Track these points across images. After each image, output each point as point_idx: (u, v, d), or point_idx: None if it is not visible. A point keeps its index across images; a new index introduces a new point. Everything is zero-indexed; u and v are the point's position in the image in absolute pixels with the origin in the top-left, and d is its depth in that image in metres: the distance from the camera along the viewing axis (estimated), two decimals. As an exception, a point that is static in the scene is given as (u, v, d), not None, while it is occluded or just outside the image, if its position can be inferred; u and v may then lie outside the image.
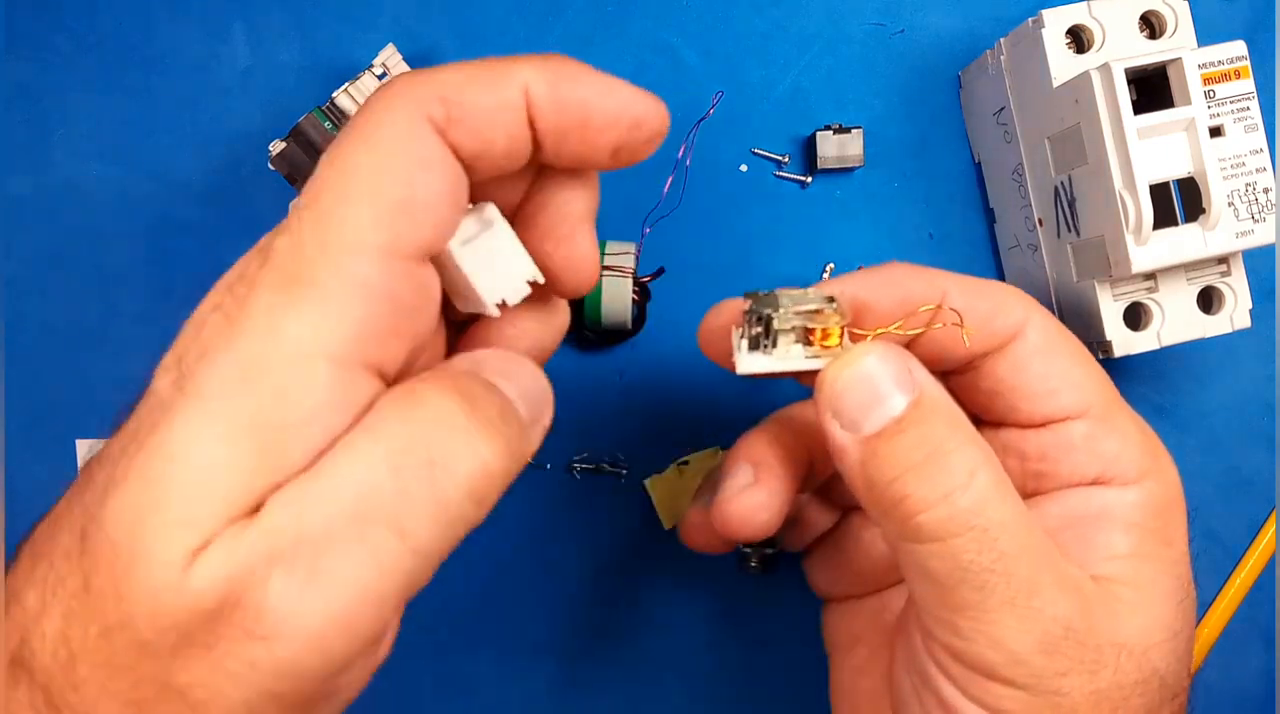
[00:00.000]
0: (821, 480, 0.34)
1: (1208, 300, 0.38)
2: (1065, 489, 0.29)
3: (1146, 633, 0.27)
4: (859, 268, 0.42)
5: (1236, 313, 0.38)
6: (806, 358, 0.28)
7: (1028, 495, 0.30)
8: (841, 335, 0.28)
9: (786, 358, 0.28)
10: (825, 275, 0.43)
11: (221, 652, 0.21)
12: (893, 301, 0.29)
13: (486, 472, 0.22)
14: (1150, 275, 0.37)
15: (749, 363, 0.28)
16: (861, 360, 0.26)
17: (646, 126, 0.25)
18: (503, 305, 0.26)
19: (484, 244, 0.26)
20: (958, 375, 0.31)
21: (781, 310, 0.27)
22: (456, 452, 0.22)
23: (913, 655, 0.29)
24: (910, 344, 0.30)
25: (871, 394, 0.26)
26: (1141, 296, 0.37)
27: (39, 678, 0.22)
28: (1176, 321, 0.37)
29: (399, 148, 0.23)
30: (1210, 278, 0.38)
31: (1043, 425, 0.30)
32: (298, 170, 0.39)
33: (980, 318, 0.29)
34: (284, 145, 0.39)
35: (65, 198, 0.42)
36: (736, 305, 0.29)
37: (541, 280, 0.26)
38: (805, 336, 0.28)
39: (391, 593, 0.21)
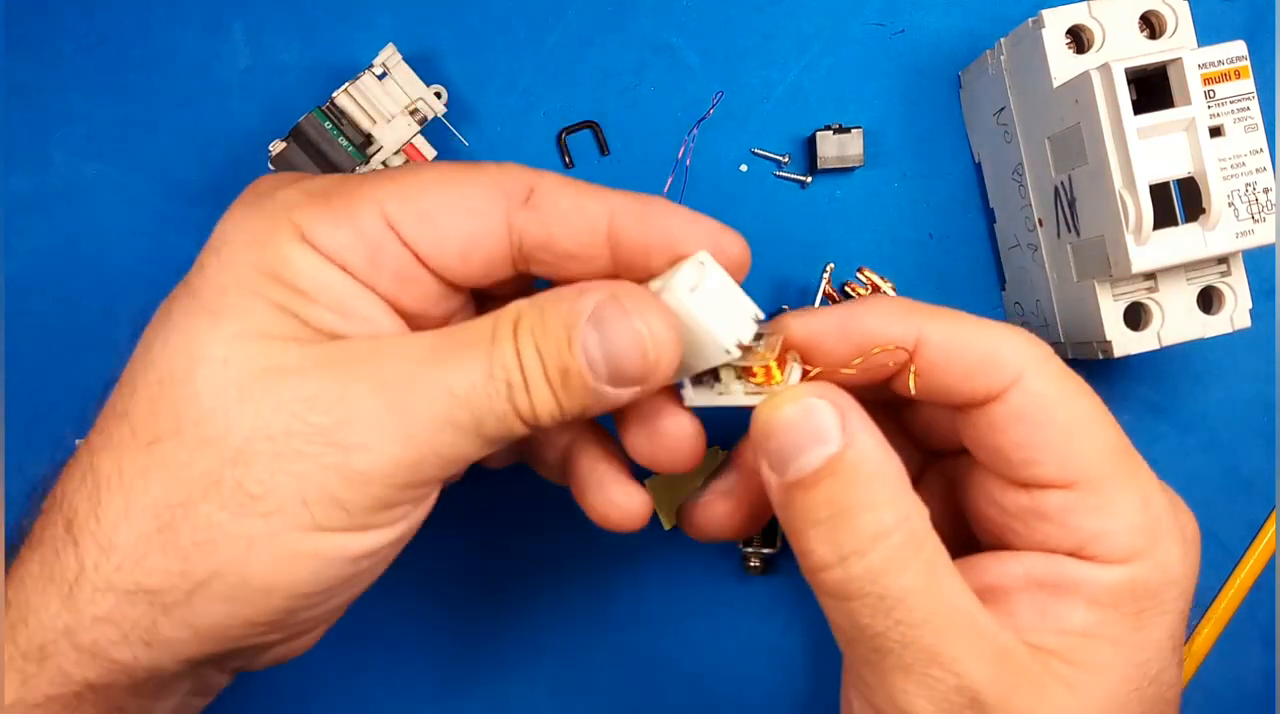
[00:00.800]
0: None
1: (1208, 300, 0.38)
2: (1038, 551, 0.27)
3: None
4: (859, 268, 0.42)
5: (1236, 313, 0.38)
6: (746, 394, 0.28)
7: (1002, 545, 0.29)
8: (784, 370, 0.27)
9: (727, 393, 0.28)
10: (825, 275, 0.43)
11: (295, 451, 0.24)
12: (853, 341, 0.28)
13: (527, 416, 0.26)
14: (1150, 275, 0.37)
15: (692, 397, 0.29)
16: (793, 403, 0.26)
17: (730, 258, 0.29)
18: (741, 346, 0.27)
19: (708, 291, 0.27)
20: (953, 411, 0.29)
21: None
22: (496, 409, 0.25)
23: (847, 683, 0.29)
24: (889, 381, 0.29)
25: (798, 438, 0.26)
26: (1141, 296, 0.37)
27: (64, 512, 0.25)
28: (1176, 321, 0.37)
29: (462, 187, 0.28)
30: (1210, 278, 0.38)
31: (1022, 486, 0.28)
32: (298, 170, 0.39)
33: (964, 367, 0.27)
34: (284, 145, 0.39)
35: (65, 198, 0.42)
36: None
37: (763, 316, 0.28)
38: (746, 373, 0.28)
39: (459, 457, 0.25)
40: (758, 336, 0.28)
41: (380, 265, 0.26)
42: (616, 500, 0.31)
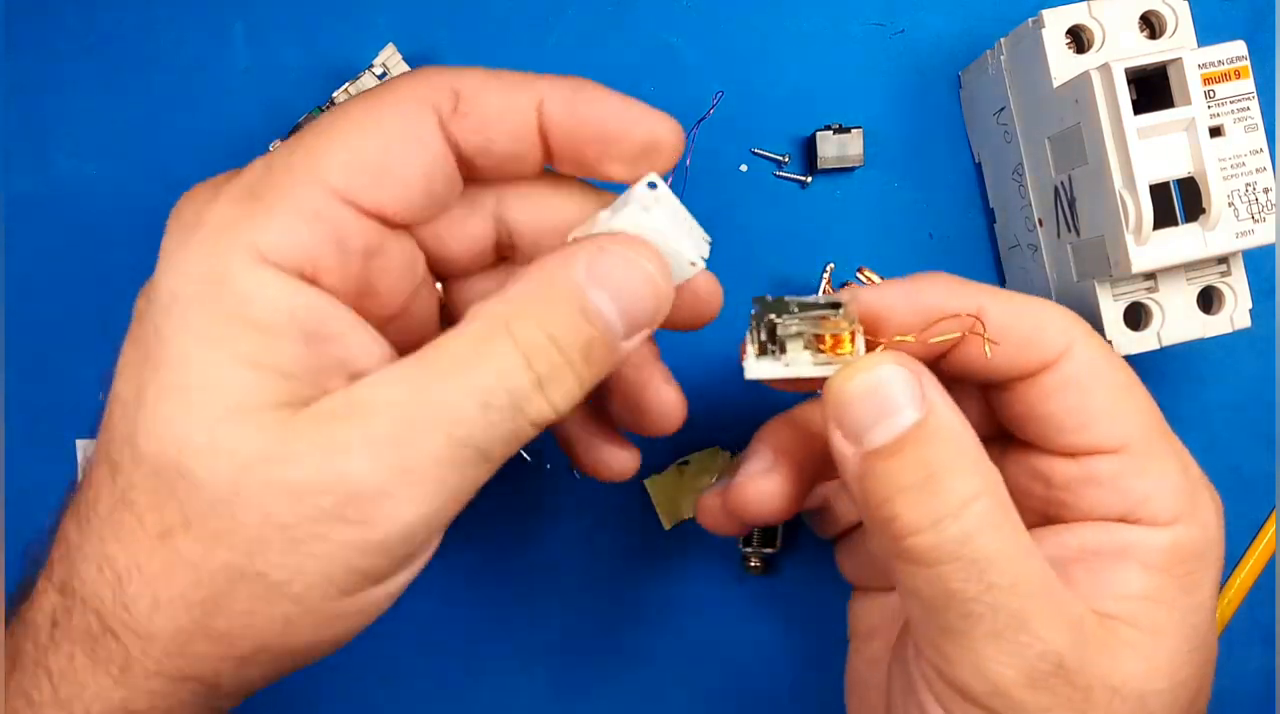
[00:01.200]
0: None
1: (1208, 300, 0.38)
2: (1088, 521, 0.28)
3: (1146, 678, 0.26)
4: (859, 268, 0.42)
5: (1236, 313, 0.38)
6: (815, 365, 0.27)
7: (1049, 521, 0.29)
8: (854, 342, 0.27)
9: (795, 364, 0.27)
10: (825, 275, 0.43)
11: (309, 534, 0.23)
12: (920, 313, 0.28)
13: (544, 421, 0.24)
14: (1150, 275, 0.37)
15: (756, 369, 0.28)
16: (870, 371, 0.26)
17: (664, 145, 0.26)
18: (694, 264, 0.27)
19: (666, 210, 0.26)
20: (995, 391, 0.30)
21: (785, 315, 0.27)
22: (532, 401, 0.24)
23: (905, 665, 0.28)
24: (940, 358, 0.29)
25: (876, 408, 0.25)
26: (1141, 296, 0.37)
27: (91, 603, 0.24)
28: (1176, 321, 0.37)
29: (393, 120, 0.25)
30: (1210, 278, 0.38)
31: (1073, 456, 0.28)
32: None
33: (1018, 339, 0.28)
34: (284, 145, 0.39)
35: (65, 198, 0.42)
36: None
37: (708, 239, 0.28)
38: (815, 343, 0.27)
39: (473, 488, 0.24)
40: (834, 305, 0.27)
41: (349, 248, 0.24)
42: (607, 461, 0.31)
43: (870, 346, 0.28)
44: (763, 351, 0.28)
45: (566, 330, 0.24)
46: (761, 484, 0.30)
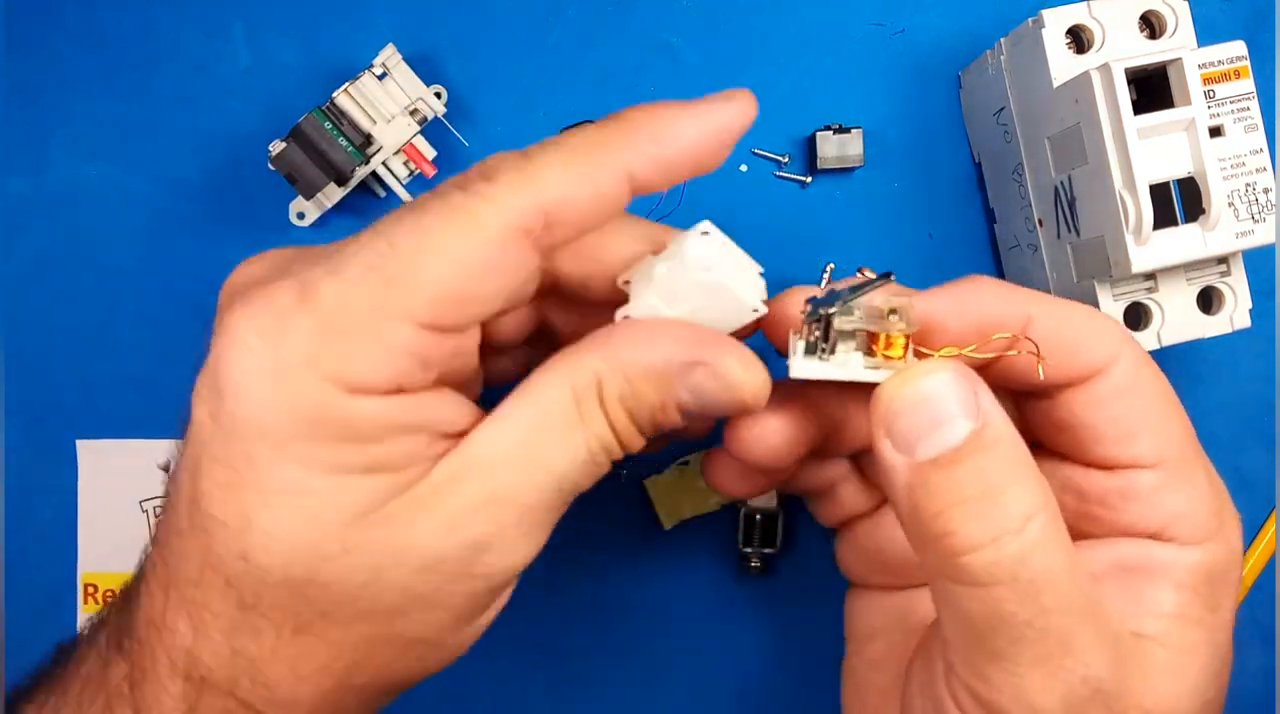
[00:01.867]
0: (854, 447, 0.32)
1: (1208, 300, 0.38)
2: (1121, 536, 0.28)
3: (1179, 698, 0.25)
4: (859, 268, 0.42)
5: (1236, 313, 0.38)
6: (866, 368, 0.26)
7: (1078, 536, 0.28)
8: (906, 349, 0.26)
9: (845, 366, 0.26)
10: (825, 275, 0.43)
11: (444, 594, 0.25)
12: (970, 321, 0.27)
13: (619, 458, 0.27)
14: (1150, 275, 0.37)
15: (803, 368, 0.27)
16: (925, 378, 0.25)
17: (747, 116, 0.27)
18: (756, 311, 0.27)
19: (728, 258, 0.27)
20: (1031, 400, 0.29)
21: (842, 312, 0.26)
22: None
23: (931, 681, 0.27)
24: (982, 366, 0.28)
25: (931, 416, 0.24)
26: (1141, 296, 0.37)
27: (224, 687, 0.25)
28: (1176, 321, 0.37)
29: (483, 254, 0.24)
30: (1210, 278, 0.38)
31: (1110, 469, 0.28)
32: (298, 170, 0.39)
33: (1065, 349, 0.27)
34: (284, 145, 0.39)
35: (65, 198, 0.42)
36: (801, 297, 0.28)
37: (762, 269, 0.28)
38: (868, 345, 0.26)
39: (560, 517, 0.27)
40: (892, 311, 0.26)
41: (432, 365, 0.25)
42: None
43: (919, 356, 0.27)
44: (811, 349, 0.27)
45: (645, 416, 0.26)
46: (762, 420, 0.29)
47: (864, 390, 0.26)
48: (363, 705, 0.26)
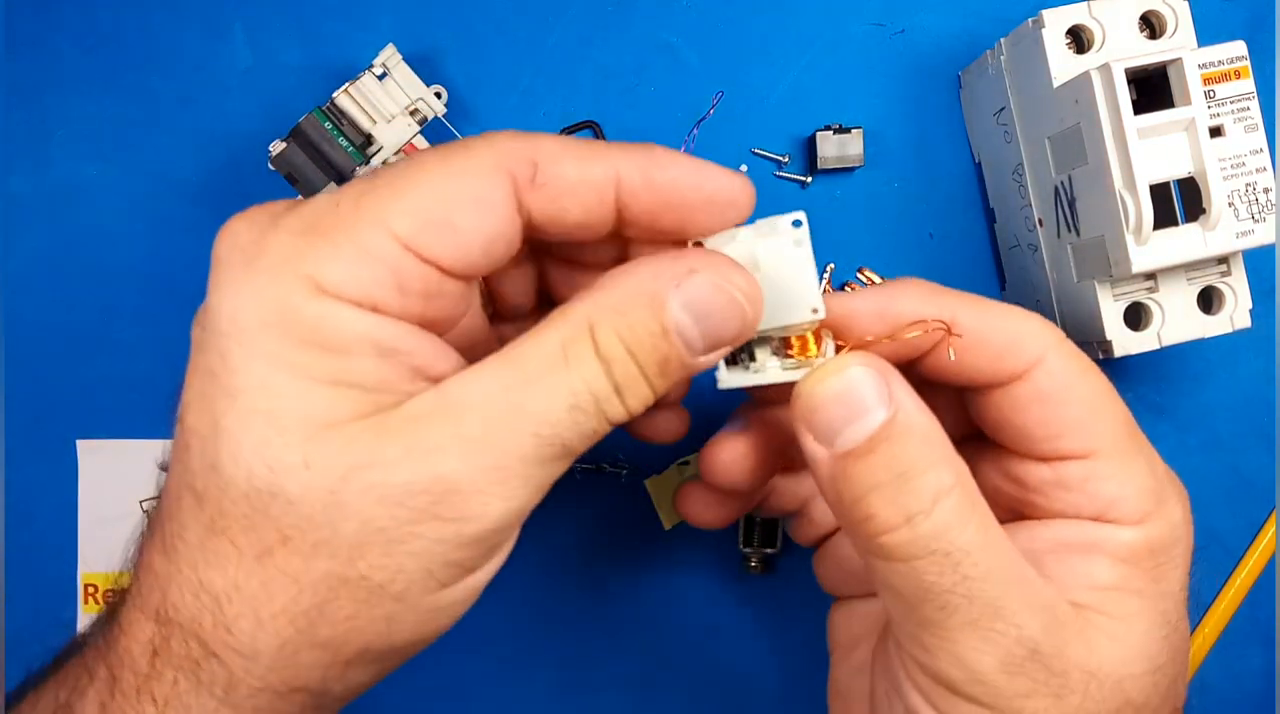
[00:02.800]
0: None
1: (1208, 300, 0.38)
2: (1059, 519, 0.29)
3: (1122, 663, 0.26)
4: (859, 269, 0.42)
5: (1236, 313, 0.38)
6: (784, 370, 0.27)
7: (1024, 518, 0.30)
8: (821, 346, 0.27)
9: (764, 371, 0.28)
10: (825, 276, 0.43)
11: (406, 534, 0.24)
12: (891, 322, 0.28)
13: (619, 420, 0.26)
14: (1150, 275, 0.37)
15: (728, 379, 0.28)
16: (838, 374, 0.26)
17: (739, 206, 0.27)
18: (816, 311, 0.27)
19: (804, 250, 0.27)
20: (970, 395, 0.30)
21: None
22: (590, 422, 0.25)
23: (888, 663, 0.29)
24: (916, 362, 0.29)
25: (845, 410, 0.26)
26: (1141, 296, 0.37)
27: (190, 629, 0.24)
28: (1176, 321, 0.37)
29: (467, 179, 0.25)
30: (1210, 278, 0.38)
31: (1044, 460, 0.29)
32: (298, 170, 0.39)
33: (991, 350, 0.28)
34: (284, 145, 0.39)
35: (65, 198, 0.42)
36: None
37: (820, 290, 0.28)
38: (784, 348, 0.28)
39: (553, 480, 0.26)
40: None
41: (408, 290, 0.25)
42: (658, 426, 0.33)
43: (839, 350, 0.28)
44: (733, 361, 0.28)
45: (645, 347, 0.25)
46: (731, 443, 0.30)
47: None
48: (326, 671, 0.25)
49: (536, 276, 0.32)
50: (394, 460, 0.24)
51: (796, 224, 0.27)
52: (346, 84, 0.40)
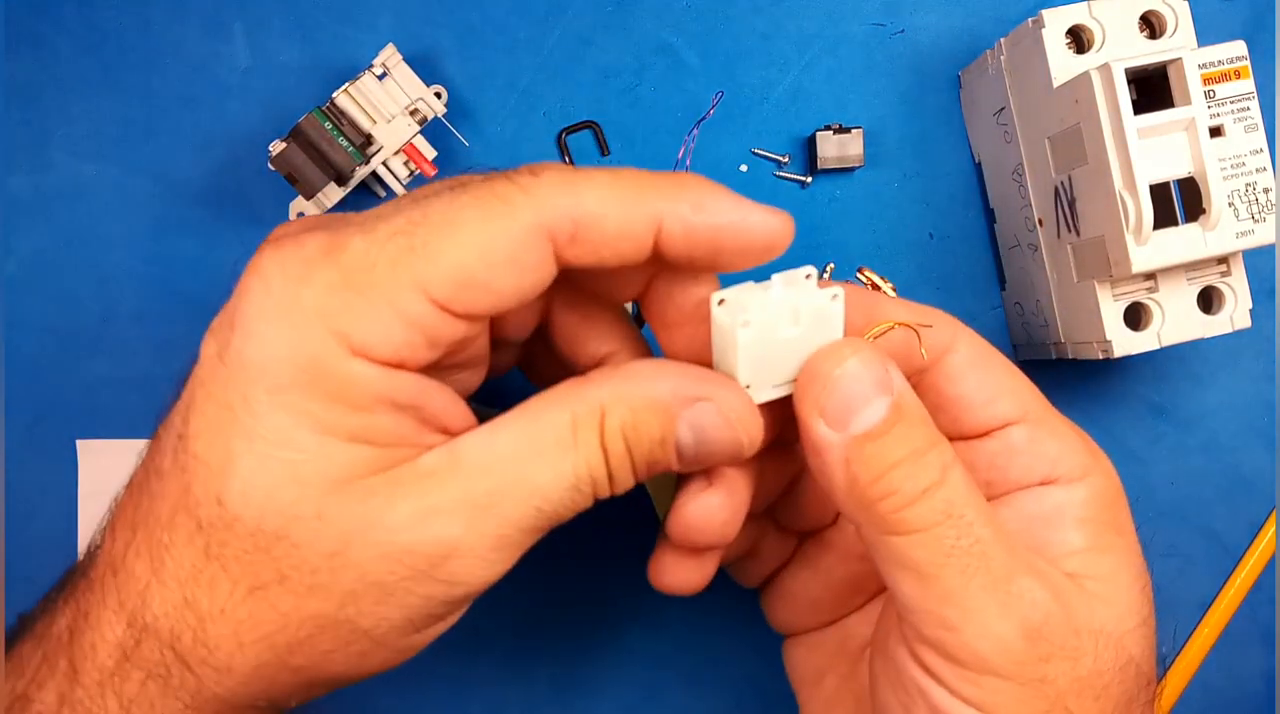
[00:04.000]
0: (770, 500, 0.34)
1: (1208, 300, 0.38)
2: (1015, 492, 0.30)
3: (1120, 620, 0.28)
4: (859, 269, 0.42)
5: (1236, 313, 0.38)
6: (773, 387, 0.28)
7: None
8: None
9: (768, 390, 0.28)
10: (825, 276, 0.43)
11: (399, 589, 0.25)
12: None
13: (602, 498, 0.27)
14: (1150, 275, 0.37)
15: (761, 397, 0.28)
16: (849, 359, 0.27)
17: (777, 247, 0.27)
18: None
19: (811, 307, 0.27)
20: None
21: None
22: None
23: (898, 670, 0.29)
24: None
25: (860, 393, 0.26)
26: (1141, 296, 0.37)
27: (165, 639, 0.25)
28: (1176, 321, 0.37)
29: (505, 241, 0.25)
30: (1210, 278, 0.38)
31: (986, 434, 0.30)
32: (298, 170, 0.39)
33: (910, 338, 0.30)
34: (284, 145, 0.39)
35: (65, 198, 0.42)
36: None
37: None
38: None
39: (529, 547, 0.27)
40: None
41: (436, 343, 0.25)
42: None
43: None
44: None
45: (643, 448, 0.26)
46: (705, 500, 0.30)
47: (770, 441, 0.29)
48: (292, 691, 0.26)
49: (546, 303, 0.32)
50: (402, 522, 0.24)
51: (806, 278, 0.27)
52: (346, 84, 0.40)
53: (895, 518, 0.26)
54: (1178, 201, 0.36)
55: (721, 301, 0.27)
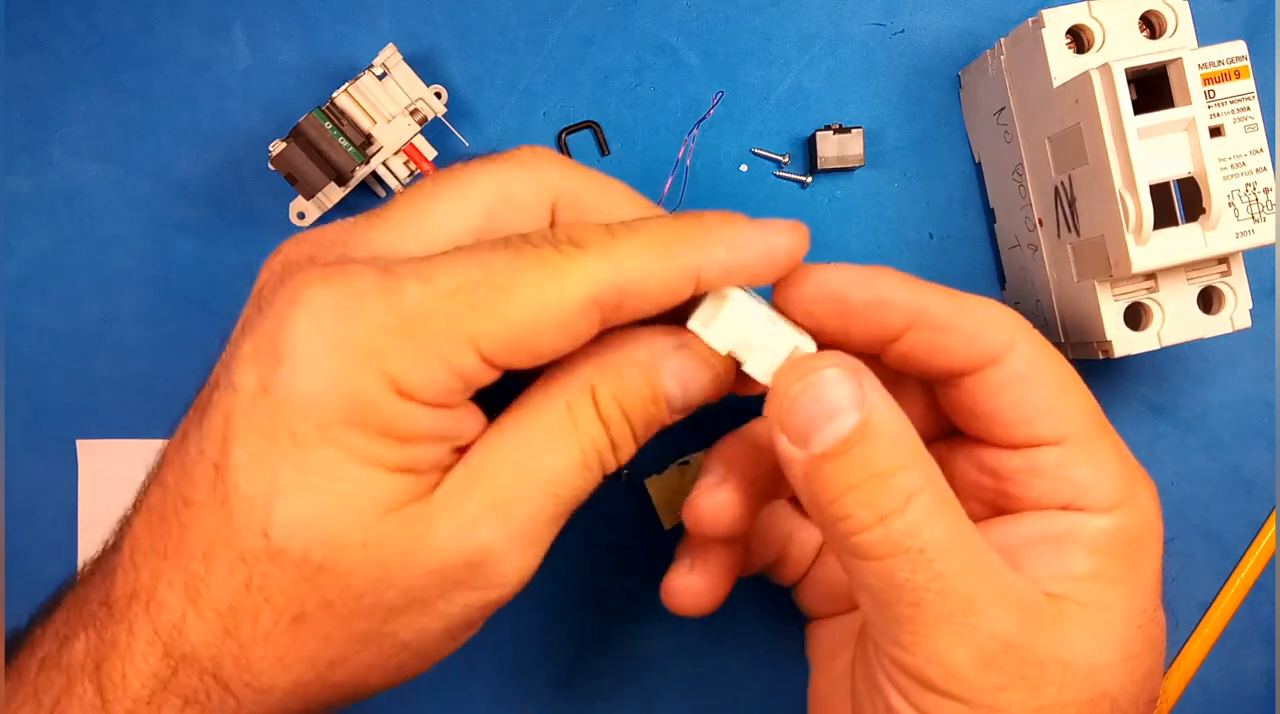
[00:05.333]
0: (785, 491, 0.34)
1: (1208, 300, 0.38)
2: (1034, 510, 0.29)
3: (1097, 652, 0.27)
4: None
5: (1236, 313, 0.38)
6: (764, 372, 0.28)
7: (999, 512, 0.30)
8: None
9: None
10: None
11: (440, 600, 0.26)
12: (869, 297, 0.29)
13: (611, 472, 0.28)
14: (1150, 275, 0.37)
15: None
16: (814, 375, 0.26)
17: (797, 258, 0.28)
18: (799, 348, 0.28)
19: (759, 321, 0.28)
20: (940, 387, 0.31)
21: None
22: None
23: (867, 665, 0.29)
24: (883, 354, 0.29)
25: (821, 411, 0.26)
26: (1141, 296, 0.37)
27: (206, 666, 0.25)
28: (1176, 321, 0.37)
29: (556, 310, 0.25)
30: (1210, 278, 0.38)
31: (1016, 448, 0.29)
32: (298, 170, 0.39)
33: (962, 337, 0.28)
34: (284, 145, 0.39)
35: (65, 198, 0.42)
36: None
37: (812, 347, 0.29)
38: None
39: (554, 538, 0.28)
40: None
41: (473, 388, 0.26)
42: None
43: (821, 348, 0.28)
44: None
45: (637, 409, 0.27)
46: (715, 495, 0.31)
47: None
48: (328, 703, 0.27)
49: None
50: (443, 539, 0.25)
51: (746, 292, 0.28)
52: (346, 84, 0.40)
53: (850, 542, 0.26)
54: (1178, 201, 0.36)
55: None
